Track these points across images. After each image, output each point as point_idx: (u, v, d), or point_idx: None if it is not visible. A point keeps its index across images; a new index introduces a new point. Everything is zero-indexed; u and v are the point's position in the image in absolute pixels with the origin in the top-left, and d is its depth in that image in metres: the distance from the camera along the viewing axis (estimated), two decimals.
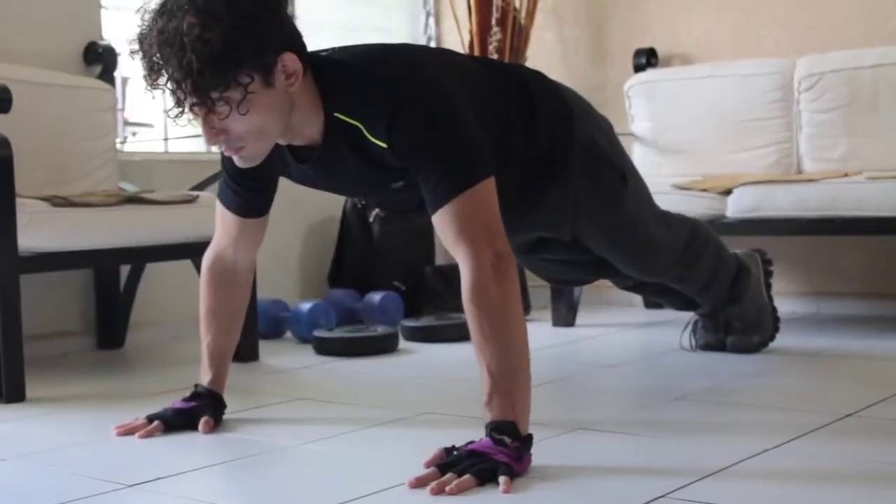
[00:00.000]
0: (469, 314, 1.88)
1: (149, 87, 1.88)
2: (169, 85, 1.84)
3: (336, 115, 1.98)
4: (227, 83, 1.83)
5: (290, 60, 1.90)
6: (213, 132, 1.91)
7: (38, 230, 2.79)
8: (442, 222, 1.92)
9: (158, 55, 1.83)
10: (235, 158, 2.01)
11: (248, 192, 2.26)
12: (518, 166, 2.20)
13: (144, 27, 1.88)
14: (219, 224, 2.33)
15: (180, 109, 1.87)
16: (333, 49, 2.09)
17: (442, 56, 2.23)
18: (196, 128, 1.96)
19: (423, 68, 2.01)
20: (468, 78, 2.11)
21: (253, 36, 1.84)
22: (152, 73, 1.86)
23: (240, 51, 1.82)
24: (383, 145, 1.95)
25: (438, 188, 1.91)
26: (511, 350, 1.87)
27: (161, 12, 1.85)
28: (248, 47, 1.83)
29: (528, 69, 2.44)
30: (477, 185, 1.90)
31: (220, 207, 2.31)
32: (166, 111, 1.89)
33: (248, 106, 1.86)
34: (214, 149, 3.84)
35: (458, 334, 3.40)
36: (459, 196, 1.89)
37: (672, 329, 3.10)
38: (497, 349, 1.86)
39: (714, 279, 2.85)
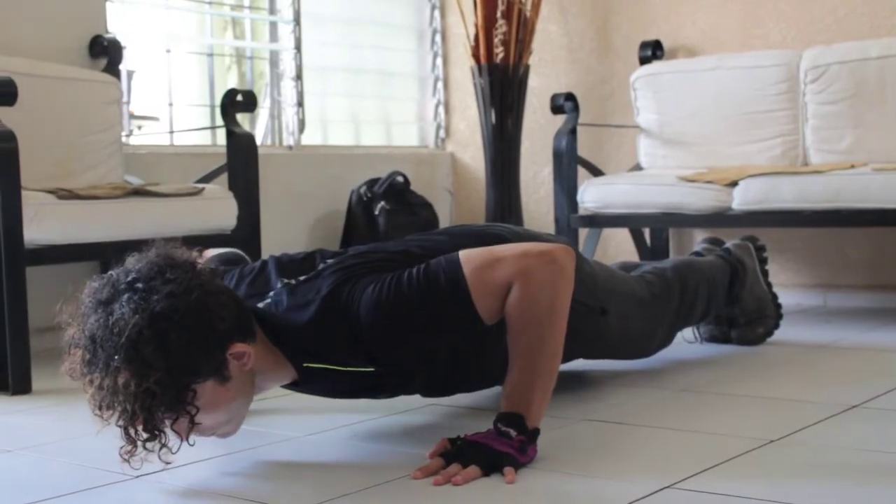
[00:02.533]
0: (513, 308, 1.86)
1: (99, 423, 1.78)
2: (122, 428, 1.75)
3: (306, 365, 1.94)
4: (177, 415, 1.76)
5: (237, 349, 1.82)
6: (186, 431, 1.81)
7: (43, 223, 2.80)
8: (492, 313, 1.89)
9: (103, 403, 1.75)
10: (213, 436, 1.97)
11: None
12: (493, 332, 1.99)
13: (81, 370, 1.78)
14: None
15: (133, 447, 1.75)
16: (265, 300, 1.97)
17: (353, 259, 2.03)
18: (199, 121, 1.94)
19: (349, 281, 1.91)
20: (389, 258, 2.03)
21: (192, 363, 1.75)
22: (102, 412, 1.76)
23: (183, 384, 1.75)
24: (369, 370, 1.93)
25: (461, 319, 1.88)
26: (547, 350, 1.87)
27: (93, 362, 1.75)
28: (189, 376, 1.75)
29: (478, 231, 2.28)
30: (467, 277, 1.85)
31: None
32: (120, 453, 1.77)
33: (208, 408, 1.80)
34: (221, 141, 3.84)
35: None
36: (473, 296, 1.85)
37: None
38: (533, 346, 1.86)
39: (711, 304, 2.86)
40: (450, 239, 2.10)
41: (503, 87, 4.48)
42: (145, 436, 1.74)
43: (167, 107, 4.13)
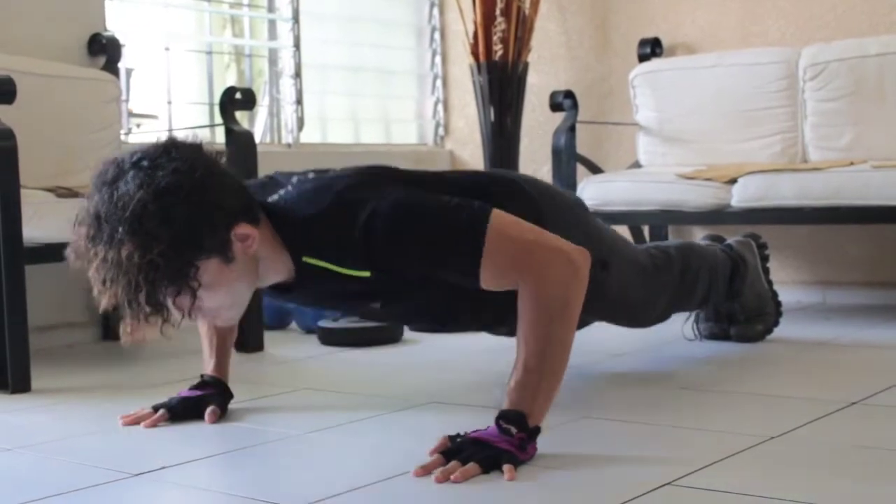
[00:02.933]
0: (526, 306, 1.86)
1: (101, 302, 1.80)
2: (123, 302, 1.77)
3: (305, 259, 1.95)
4: (179, 289, 1.78)
5: (242, 229, 1.85)
6: (187, 315, 1.84)
7: (42, 221, 2.80)
8: (492, 285, 1.90)
9: (106, 277, 1.77)
10: (215, 322, 1.99)
11: None
12: (485, 297, 2.02)
13: (84, 246, 1.80)
14: None
15: (137, 322, 1.79)
16: (278, 193, 2.01)
17: (382, 171, 2.09)
18: (198, 120, 1.95)
19: (366, 190, 1.94)
20: (426, 182, 2.07)
21: (196, 238, 1.78)
22: (104, 290, 1.78)
23: (186, 258, 1.77)
24: (365, 274, 1.92)
25: (461, 270, 1.88)
26: (556, 350, 1.87)
27: (97, 237, 1.77)
28: (193, 251, 1.78)
29: (488, 175, 2.33)
30: (486, 232, 1.85)
31: None
32: (123, 326, 1.81)
33: (211, 287, 1.82)
34: (220, 139, 3.83)
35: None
36: (483, 258, 1.85)
37: (677, 319, 3.09)
38: (543, 345, 1.85)
39: (710, 292, 2.85)
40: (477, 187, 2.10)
41: (502, 85, 4.47)
42: (148, 309, 1.76)
43: (166, 105, 4.13)
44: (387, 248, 1.88)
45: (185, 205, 1.77)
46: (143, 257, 1.73)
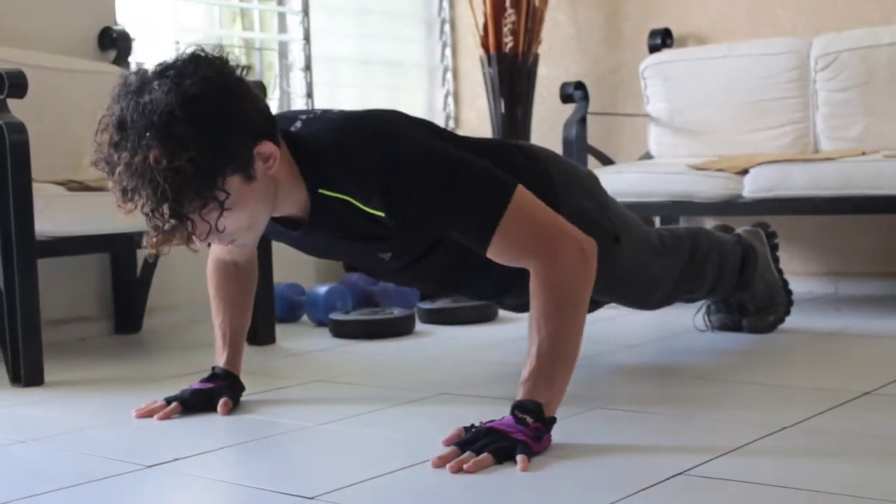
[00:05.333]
0: (538, 292, 1.86)
1: (121, 213, 1.79)
2: (145, 211, 1.76)
3: (321, 191, 1.93)
4: (205, 201, 1.76)
5: (264, 147, 1.83)
6: (213, 231, 1.83)
7: (54, 214, 2.80)
8: (499, 257, 1.90)
9: (129, 186, 1.74)
10: (230, 246, 1.97)
11: None
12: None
13: (108, 153, 1.77)
14: None
15: (159, 234, 1.77)
16: (301, 119, 2.00)
17: (411, 118, 2.08)
18: None
19: (396, 127, 1.94)
20: (453, 139, 2.07)
21: (224, 146, 1.76)
22: (125, 200, 1.76)
23: (213, 166, 1.75)
24: (380, 213, 1.91)
25: (474, 232, 1.89)
26: (568, 338, 1.87)
27: (122, 143, 1.74)
28: (221, 160, 1.76)
29: (504, 143, 2.34)
30: (509, 204, 1.86)
31: None
32: (147, 236, 1.79)
33: (233, 206, 1.81)
34: None
35: (475, 316, 3.41)
36: (499, 227, 1.85)
37: (689, 310, 3.09)
38: (555, 333, 1.85)
39: (720, 279, 2.84)
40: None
41: (512, 77, 4.47)
42: (173, 222, 1.74)
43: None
44: (407, 193, 1.87)
45: (214, 113, 1.75)
46: (171, 162, 1.70)
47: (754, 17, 4.26)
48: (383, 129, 1.93)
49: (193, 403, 2.24)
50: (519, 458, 1.74)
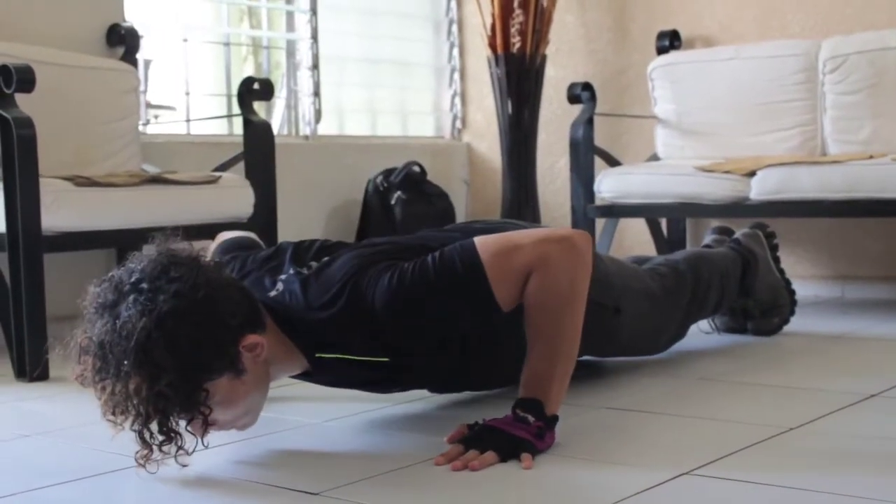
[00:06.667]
0: (533, 292, 1.86)
1: (114, 428, 1.75)
2: (133, 429, 1.73)
3: (318, 355, 1.92)
4: (191, 416, 1.74)
5: (249, 340, 1.79)
6: (202, 431, 1.79)
7: (61, 210, 2.80)
8: (511, 300, 1.88)
9: (115, 409, 1.72)
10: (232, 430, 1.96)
11: None
12: (508, 324, 1.97)
13: (92, 378, 1.74)
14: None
15: (149, 450, 1.74)
16: (276, 288, 1.96)
17: (363, 253, 1.99)
18: (216, 111, 1.92)
19: (357, 273, 1.88)
20: (406, 247, 2.02)
21: (203, 362, 1.72)
22: (115, 417, 1.73)
23: (195, 384, 1.72)
24: (383, 360, 1.91)
25: (479, 310, 1.88)
26: (566, 336, 1.87)
27: (104, 369, 1.71)
28: (201, 375, 1.72)
29: (504, 227, 2.30)
30: (484, 263, 1.84)
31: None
32: (136, 458, 1.75)
33: (225, 403, 1.78)
34: (237, 130, 3.85)
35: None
36: (492, 285, 1.84)
37: None
38: (554, 332, 1.85)
39: (724, 296, 2.85)
40: (462, 235, 2.04)
41: (520, 78, 4.47)
42: (161, 438, 1.72)
43: (184, 96, 4.14)
44: (401, 330, 1.87)
45: (190, 329, 1.70)
46: (151, 389, 1.67)
47: (762, 20, 4.26)
48: (354, 288, 1.87)
49: None
50: (523, 456, 1.74)
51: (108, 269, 3.79)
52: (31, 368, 2.65)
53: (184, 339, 1.69)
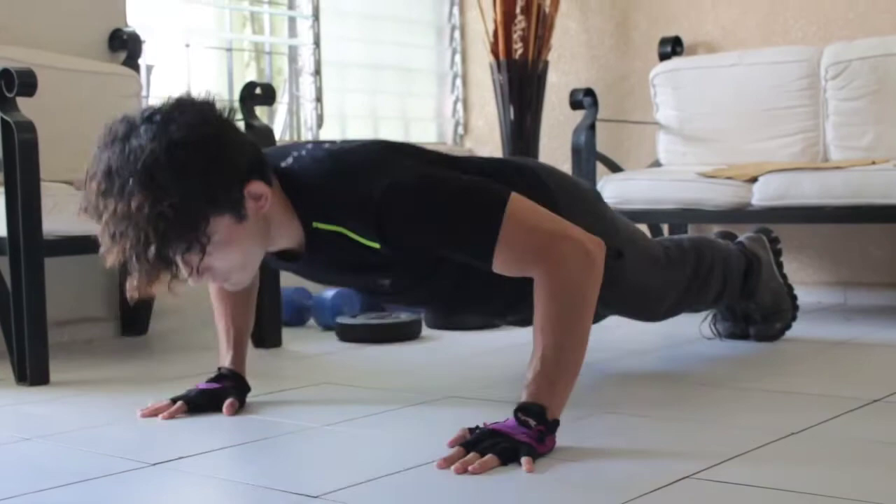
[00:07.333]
0: (542, 297, 1.85)
1: (108, 259, 1.79)
2: (130, 255, 1.75)
3: (316, 225, 1.94)
4: (189, 245, 1.76)
5: (255, 187, 1.83)
6: (196, 273, 1.83)
7: (62, 214, 2.80)
8: (504, 269, 1.89)
9: (114, 231, 1.75)
10: (225, 285, 1.98)
11: None
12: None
13: (95, 202, 1.78)
14: None
15: (143, 276, 1.76)
16: (292, 156, 2.00)
17: (398, 147, 2.10)
18: None
19: (385, 159, 1.94)
20: (445, 162, 2.07)
21: (207, 191, 1.76)
22: (112, 245, 1.76)
23: (197, 211, 1.75)
24: (374, 245, 1.91)
25: (475, 250, 1.88)
26: (573, 342, 1.86)
27: (108, 191, 1.75)
28: (204, 204, 1.76)
29: (502, 161, 2.34)
30: (504, 216, 1.85)
31: None
32: (129, 281, 1.78)
33: (223, 245, 1.81)
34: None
35: (482, 322, 3.40)
36: (499, 240, 1.84)
37: (696, 319, 3.08)
38: (560, 337, 1.84)
39: (724, 289, 2.83)
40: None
41: (522, 84, 4.47)
42: (157, 264, 1.75)
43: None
44: (401, 224, 1.87)
45: (198, 158, 1.75)
46: (153, 209, 1.71)
47: (765, 26, 4.26)
48: (373, 163, 1.93)
49: (199, 403, 2.24)
50: (524, 459, 1.73)
51: (109, 275, 3.81)
52: (32, 373, 2.65)
53: (191, 167, 1.74)
